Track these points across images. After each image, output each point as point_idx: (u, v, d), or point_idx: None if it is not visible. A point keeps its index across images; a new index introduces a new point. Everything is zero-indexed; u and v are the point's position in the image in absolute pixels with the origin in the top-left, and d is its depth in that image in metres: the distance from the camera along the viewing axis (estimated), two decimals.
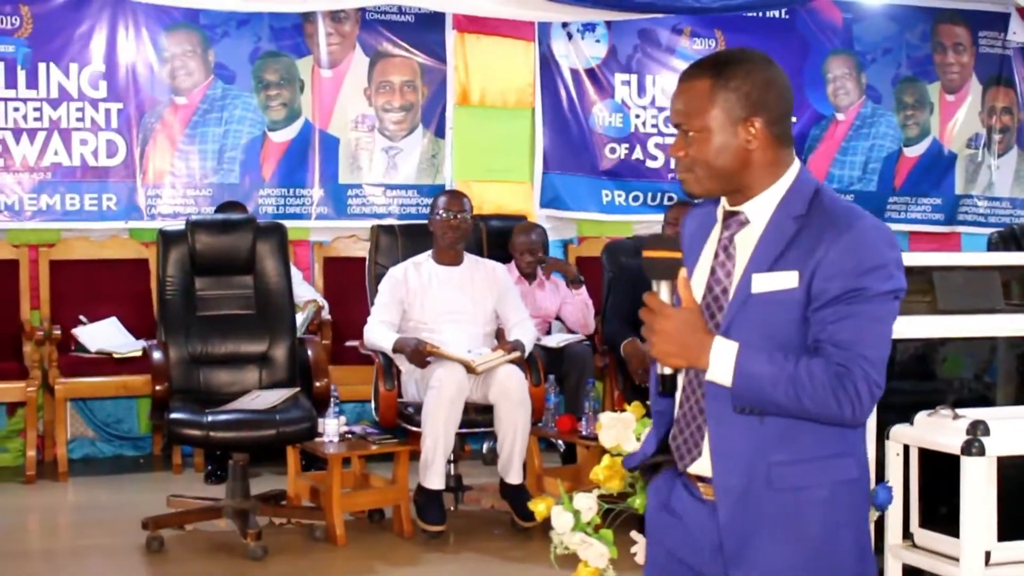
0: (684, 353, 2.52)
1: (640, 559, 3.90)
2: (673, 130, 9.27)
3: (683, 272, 2.59)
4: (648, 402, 4.11)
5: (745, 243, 2.63)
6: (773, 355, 2.49)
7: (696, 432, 2.65)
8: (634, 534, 3.91)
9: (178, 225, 6.66)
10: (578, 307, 7.56)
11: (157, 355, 6.17)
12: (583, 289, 7.55)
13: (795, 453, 2.56)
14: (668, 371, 2.59)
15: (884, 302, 2.53)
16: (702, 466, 2.65)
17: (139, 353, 7.23)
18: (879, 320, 2.53)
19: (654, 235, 2.56)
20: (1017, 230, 9.12)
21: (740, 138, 2.59)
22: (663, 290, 2.57)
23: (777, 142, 2.63)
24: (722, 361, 2.50)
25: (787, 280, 2.54)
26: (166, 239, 6.48)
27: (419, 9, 8.47)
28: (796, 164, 2.67)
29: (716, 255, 2.66)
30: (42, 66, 7.91)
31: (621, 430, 3.95)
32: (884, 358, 2.53)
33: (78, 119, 7.98)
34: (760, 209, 2.63)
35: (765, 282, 2.56)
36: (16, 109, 7.88)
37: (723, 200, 2.70)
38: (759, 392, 2.49)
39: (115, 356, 7.37)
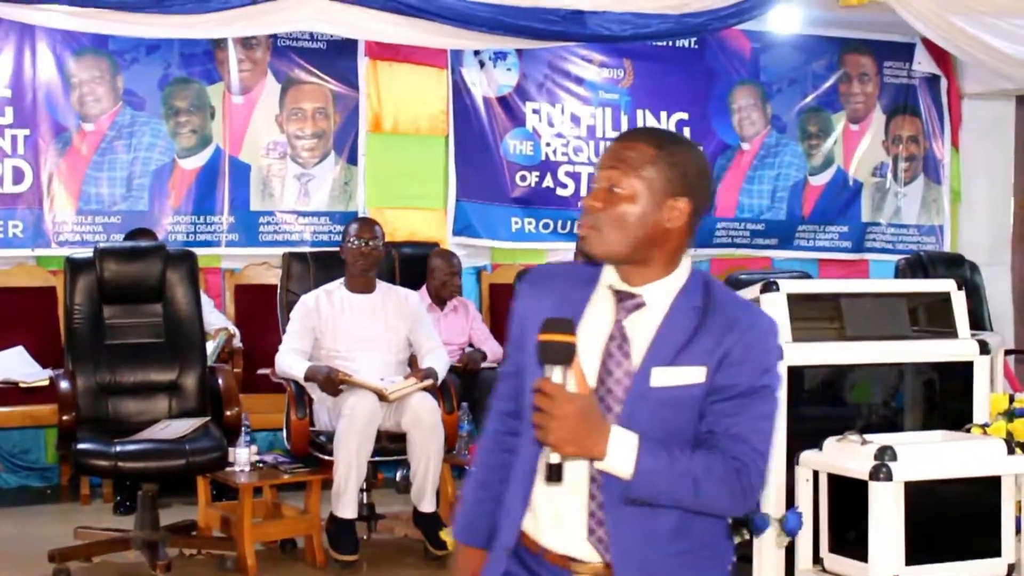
0: (582, 441, 2.39)
1: None
2: (583, 157, 9.23)
3: (578, 359, 2.45)
4: None
5: (641, 329, 2.54)
6: (671, 449, 2.43)
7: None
8: None
9: (86, 253, 6.57)
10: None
11: (64, 384, 6.08)
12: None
13: (690, 543, 2.53)
14: (557, 459, 2.42)
15: (776, 399, 2.53)
16: (575, 548, 2.57)
17: (46, 382, 7.11)
18: (770, 416, 2.52)
19: (549, 319, 2.40)
20: (924, 257, 9.28)
21: (663, 213, 2.51)
22: (556, 374, 2.41)
23: (690, 231, 2.56)
24: (622, 453, 2.41)
25: (694, 375, 2.48)
26: (73, 267, 6.40)
27: (331, 36, 8.45)
28: (688, 256, 2.61)
29: (612, 337, 2.54)
30: None
31: None
32: (771, 449, 2.53)
33: None
34: (660, 295, 2.55)
35: (667, 376, 2.49)
36: None
37: (611, 276, 2.59)
38: (657, 487, 2.44)
39: (21, 385, 7.24)
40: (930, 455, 3.86)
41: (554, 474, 2.43)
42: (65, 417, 5.93)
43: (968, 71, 10.02)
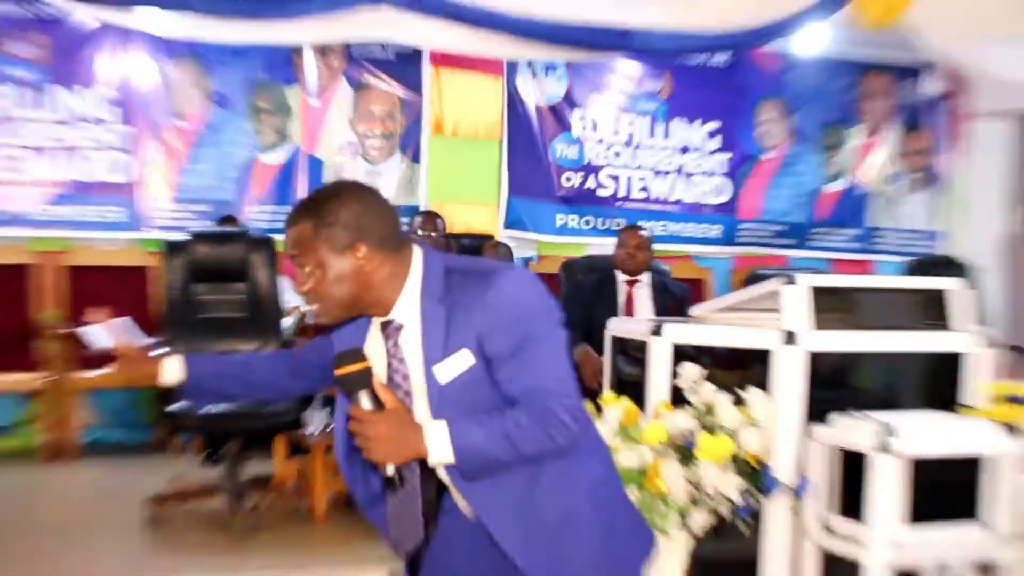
0: (404, 449, 2.45)
1: None
2: (622, 161, 9.17)
3: (377, 377, 2.52)
4: (598, 401, 4.23)
5: (409, 343, 2.60)
6: (480, 419, 2.47)
7: (413, 517, 2.70)
8: None
9: (181, 236, 6.74)
10: None
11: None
12: None
13: (548, 482, 2.60)
14: (391, 471, 2.48)
15: (547, 333, 2.54)
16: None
17: None
18: (550, 351, 2.54)
19: (338, 354, 2.52)
20: (927, 259, 9.32)
21: (355, 264, 2.53)
22: (363, 400, 2.48)
23: (390, 254, 2.57)
24: (439, 441, 2.45)
25: (464, 359, 2.52)
26: (171, 249, 6.57)
27: (399, 48, 8.59)
28: (417, 253, 2.62)
29: (389, 364, 2.63)
30: (59, 91, 8.01)
31: None
32: (569, 378, 2.55)
33: (91, 139, 8.10)
34: (407, 311, 2.59)
35: (446, 370, 2.53)
36: (35, 130, 7.99)
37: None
38: (480, 457, 2.47)
39: None
40: (926, 430, 3.95)
41: (393, 483, 2.50)
42: None
43: (976, 92, 10.05)
